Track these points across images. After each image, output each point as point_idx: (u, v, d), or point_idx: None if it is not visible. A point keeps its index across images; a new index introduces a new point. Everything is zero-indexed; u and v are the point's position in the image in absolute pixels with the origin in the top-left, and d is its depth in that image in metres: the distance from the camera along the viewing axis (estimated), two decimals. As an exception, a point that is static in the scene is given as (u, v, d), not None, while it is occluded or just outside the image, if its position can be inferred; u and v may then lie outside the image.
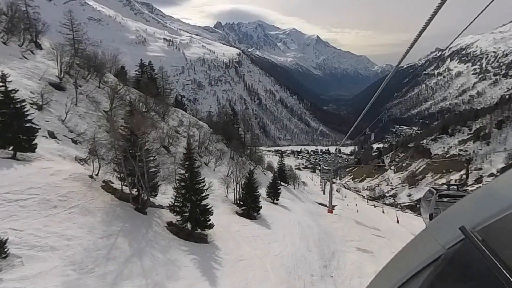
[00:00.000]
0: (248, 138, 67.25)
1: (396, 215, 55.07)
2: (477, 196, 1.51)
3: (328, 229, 29.98)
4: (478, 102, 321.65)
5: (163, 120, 44.63)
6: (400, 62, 7.06)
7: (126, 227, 15.24)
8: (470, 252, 1.20)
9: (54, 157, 19.04)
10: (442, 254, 1.46)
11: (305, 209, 41.20)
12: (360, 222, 39.53)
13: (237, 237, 20.72)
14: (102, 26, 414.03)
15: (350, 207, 64.48)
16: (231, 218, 25.35)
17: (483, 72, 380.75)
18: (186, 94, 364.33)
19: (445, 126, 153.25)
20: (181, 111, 55.20)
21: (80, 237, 12.64)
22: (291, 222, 28.17)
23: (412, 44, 5.55)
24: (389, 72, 11.44)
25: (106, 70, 44.70)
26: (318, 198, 67.09)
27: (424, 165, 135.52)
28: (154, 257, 14.14)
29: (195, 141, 41.80)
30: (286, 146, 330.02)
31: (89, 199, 15.53)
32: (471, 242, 1.19)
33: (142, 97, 39.18)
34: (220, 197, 29.48)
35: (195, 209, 18.11)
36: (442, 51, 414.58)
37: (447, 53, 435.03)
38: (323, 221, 34.40)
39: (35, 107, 23.07)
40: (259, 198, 28.22)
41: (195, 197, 18.26)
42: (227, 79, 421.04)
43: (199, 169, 36.11)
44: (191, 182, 18.36)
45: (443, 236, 1.51)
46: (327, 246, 23.39)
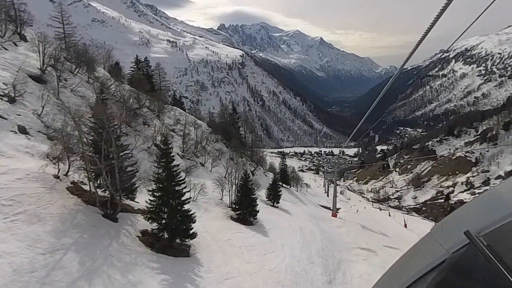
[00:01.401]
0: (249, 138, 64.76)
1: (404, 219, 52.32)
2: (482, 201, 1.49)
3: (333, 235, 27.47)
4: (484, 104, 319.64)
5: (158, 118, 42.35)
6: (404, 64, 7.09)
7: (84, 239, 12.54)
8: (475, 257, 1.19)
9: (19, 154, 16.48)
10: (446, 259, 1.46)
11: (308, 212, 38.54)
12: (366, 226, 37.04)
13: (227, 248, 18.05)
14: (106, 27, 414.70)
15: (355, 209, 61.90)
16: (224, 223, 22.67)
17: (488, 74, 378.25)
18: (189, 95, 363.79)
19: (451, 128, 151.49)
20: (179, 110, 52.79)
21: (14, 253, 9.94)
22: (291, 228, 25.48)
23: (417, 46, 5.60)
24: (393, 74, 10.83)
25: (99, 66, 42.75)
26: (321, 200, 64.90)
27: (430, 167, 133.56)
28: (109, 280, 11.28)
29: (190, 139, 39.37)
30: (289, 148, 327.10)
31: (44, 203, 12.89)
32: (476, 247, 1.18)
33: (134, 93, 36.65)
34: (214, 200, 26.89)
35: (174, 216, 15.38)
36: (446, 52, 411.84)
37: (451, 55, 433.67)
38: (327, 226, 31.91)
39: (6, 99, 20.69)
40: (256, 202, 25.63)
41: (174, 201, 15.53)
42: (230, 81, 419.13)
43: (194, 169, 34.02)
44: (169, 183, 15.57)
45: (447, 240, 1.51)
46: (331, 255, 20.84)
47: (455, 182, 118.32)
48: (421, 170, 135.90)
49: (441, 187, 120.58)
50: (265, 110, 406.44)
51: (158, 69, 54.46)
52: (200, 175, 32.10)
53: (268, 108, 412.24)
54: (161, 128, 32.90)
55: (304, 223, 28.87)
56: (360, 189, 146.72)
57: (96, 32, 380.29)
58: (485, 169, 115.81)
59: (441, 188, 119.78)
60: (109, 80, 36.77)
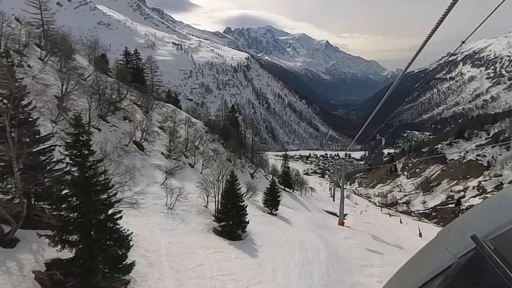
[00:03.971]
0: (249, 138, 60.42)
1: (419, 228, 47.47)
2: (489, 205, 1.47)
3: (340, 250, 22.95)
4: (493, 107, 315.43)
5: (145, 114, 38.19)
6: (408, 66, 7.08)
7: None
8: (482, 261, 1.18)
9: None
10: (453, 263, 1.44)
11: (311, 220, 33.88)
12: (378, 237, 32.42)
13: (189, 282, 13.03)
14: (112, 30, 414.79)
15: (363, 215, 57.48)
16: (201, 239, 18.08)
17: (497, 77, 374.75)
18: (194, 97, 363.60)
19: (461, 130, 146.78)
20: (172, 106, 48.52)
21: None
22: (289, 243, 20.85)
23: (422, 47, 5.56)
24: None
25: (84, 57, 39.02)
26: (327, 205, 60.81)
27: (439, 171, 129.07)
28: None
29: (177, 137, 35.07)
30: (294, 151, 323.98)
31: None
32: (483, 251, 1.17)
33: (115, 84, 32.45)
34: (197, 208, 22.44)
35: (98, 237, 10.24)
36: (453, 54, 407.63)
37: (459, 57, 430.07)
38: (333, 237, 27.39)
39: None
40: (246, 210, 21.06)
41: (95, 215, 10.22)
42: (235, 83, 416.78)
43: (179, 171, 29.72)
44: (85, 188, 10.10)
45: (454, 245, 1.49)
46: (339, 280, 16.32)
47: (466, 186, 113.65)
48: (430, 174, 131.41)
49: (451, 191, 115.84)
50: (270, 113, 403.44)
51: (150, 63, 50.37)
52: (187, 177, 27.69)
53: (273, 111, 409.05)
54: (141, 123, 28.44)
55: (306, 235, 24.33)
56: (367, 193, 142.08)
57: (101, 34, 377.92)
58: (497, 173, 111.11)
59: (451, 192, 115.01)
60: (85, 69, 32.56)
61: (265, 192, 31.95)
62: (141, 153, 27.34)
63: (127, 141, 26.58)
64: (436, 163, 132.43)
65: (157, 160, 28.01)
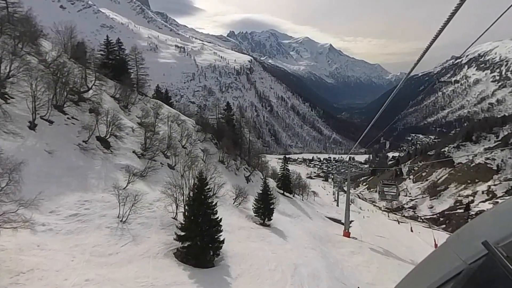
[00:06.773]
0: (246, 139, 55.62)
1: (434, 238, 42.25)
2: (501, 210, 1.46)
3: (347, 273, 18.11)
4: (498, 110, 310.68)
5: (124, 109, 33.50)
6: (412, 69, 7.00)
7: None
8: (494, 268, 1.16)
9: None
10: (463, 270, 1.42)
11: (312, 232, 28.86)
12: (391, 252, 27.52)
13: None
14: (114, 33, 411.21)
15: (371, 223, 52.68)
16: (148, 270, 12.70)
17: (503, 79, 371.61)
18: (196, 100, 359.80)
19: (468, 133, 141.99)
20: (159, 102, 43.62)
21: None
22: (278, 271, 15.53)
23: (426, 50, 5.58)
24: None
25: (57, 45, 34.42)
26: (330, 211, 56.46)
27: (447, 175, 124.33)
28: None
29: (156, 133, 30.23)
30: (297, 154, 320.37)
31: None
32: (495, 257, 1.15)
33: (81, 72, 27.65)
34: (162, 220, 17.38)
35: None
36: (459, 58, 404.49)
37: (464, 60, 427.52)
38: (338, 253, 22.57)
39: None
40: (221, 225, 15.82)
41: None
42: (238, 86, 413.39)
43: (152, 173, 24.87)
44: None
45: (464, 251, 1.48)
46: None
47: (475, 191, 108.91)
48: (437, 178, 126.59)
49: (459, 196, 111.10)
50: (273, 116, 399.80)
51: (134, 54, 45.74)
52: (162, 181, 22.67)
53: (276, 114, 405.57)
54: (107, 115, 23.50)
55: (304, 254, 19.25)
56: (371, 197, 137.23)
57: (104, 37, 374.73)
58: (508, 177, 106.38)
59: (459, 197, 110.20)
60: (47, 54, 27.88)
61: (256, 199, 26.95)
62: (105, 152, 22.48)
63: (86, 137, 21.72)
64: (443, 167, 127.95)
65: (125, 160, 23.10)
